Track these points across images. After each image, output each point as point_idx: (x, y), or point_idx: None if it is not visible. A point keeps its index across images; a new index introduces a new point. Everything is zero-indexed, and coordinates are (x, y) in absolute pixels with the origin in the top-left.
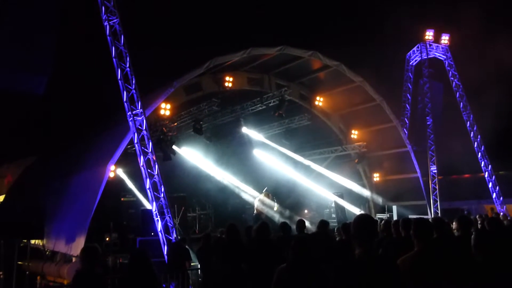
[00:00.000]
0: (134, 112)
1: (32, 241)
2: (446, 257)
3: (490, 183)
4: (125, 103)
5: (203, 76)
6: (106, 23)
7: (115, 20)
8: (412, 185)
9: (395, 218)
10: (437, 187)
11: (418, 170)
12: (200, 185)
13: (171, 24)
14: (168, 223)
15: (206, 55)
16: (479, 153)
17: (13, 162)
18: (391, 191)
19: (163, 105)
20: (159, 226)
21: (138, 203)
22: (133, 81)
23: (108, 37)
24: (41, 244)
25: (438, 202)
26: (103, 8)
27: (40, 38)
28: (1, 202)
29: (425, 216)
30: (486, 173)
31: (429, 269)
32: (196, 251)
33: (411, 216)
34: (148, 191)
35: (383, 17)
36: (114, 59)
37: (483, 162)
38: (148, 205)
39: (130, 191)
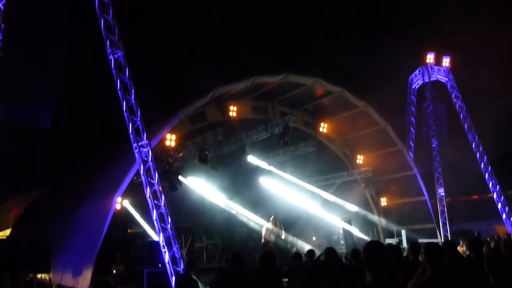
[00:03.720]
0: (140, 143)
1: (39, 275)
2: (459, 282)
3: (499, 204)
4: (131, 135)
5: (208, 106)
6: (111, 57)
7: (120, 54)
8: (420, 208)
9: (404, 242)
10: (445, 210)
11: (425, 193)
12: (207, 214)
13: (175, 54)
14: (176, 254)
15: (210, 85)
16: (486, 174)
17: (19, 195)
18: (399, 215)
19: (168, 135)
20: (166, 257)
21: (145, 234)
22: (138, 113)
23: (113, 70)
24: (47, 278)
25: (448, 225)
26: (107, 42)
27: (45, 72)
28: (7, 236)
29: (435, 240)
30: (495, 193)
31: None
32: (210, 283)
33: (421, 240)
34: (155, 222)
35: (383, 41)
36: (119, 92)
37: (491, 183)
38: (155, 236)
39: (136, 223)
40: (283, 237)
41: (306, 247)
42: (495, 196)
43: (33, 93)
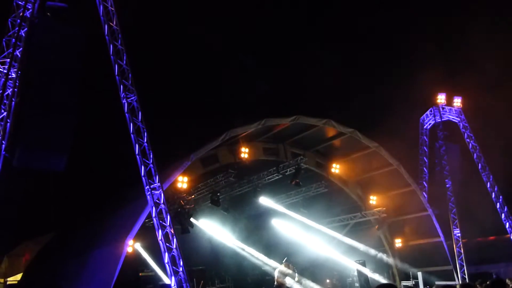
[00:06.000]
0: (152, 186)
1: None
2: None
3: None
4: (143, 178)
5: (220, 148)
6: (124, 101)
7: (133, 98)
8: (436, 249)
9: (420, 285)
10: (462, 251)
11: (441, 234)
12: (219, 257)
13: (187, 97)
14: None
15: (222, 127)
16: (503, 214)
17: (31, 239)
18: (415, 257)
19: (180, 178)
20: None
21: (157, 277)
22: (151, 156)
23: (126, 114)
24: None
25: (465, 267)
26: (121, 86)
27: (60, 116)
28: (18, 281)
29: (452, 282)
30: None
31: None
32: None
33: (437, 283)
34: (167, 265)
35: (394, 82)
36: (132, 135)
37: (507, 223)
38: (166, 280)
39: (148, 266)
40: (296, 279)
41: None
42: None
43: (48, 137)
